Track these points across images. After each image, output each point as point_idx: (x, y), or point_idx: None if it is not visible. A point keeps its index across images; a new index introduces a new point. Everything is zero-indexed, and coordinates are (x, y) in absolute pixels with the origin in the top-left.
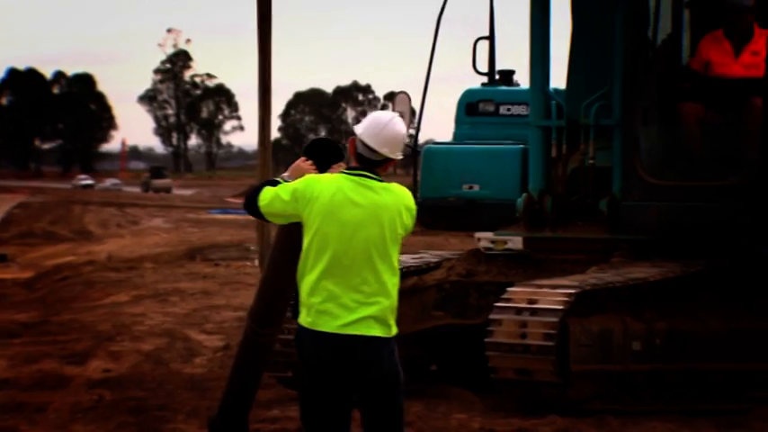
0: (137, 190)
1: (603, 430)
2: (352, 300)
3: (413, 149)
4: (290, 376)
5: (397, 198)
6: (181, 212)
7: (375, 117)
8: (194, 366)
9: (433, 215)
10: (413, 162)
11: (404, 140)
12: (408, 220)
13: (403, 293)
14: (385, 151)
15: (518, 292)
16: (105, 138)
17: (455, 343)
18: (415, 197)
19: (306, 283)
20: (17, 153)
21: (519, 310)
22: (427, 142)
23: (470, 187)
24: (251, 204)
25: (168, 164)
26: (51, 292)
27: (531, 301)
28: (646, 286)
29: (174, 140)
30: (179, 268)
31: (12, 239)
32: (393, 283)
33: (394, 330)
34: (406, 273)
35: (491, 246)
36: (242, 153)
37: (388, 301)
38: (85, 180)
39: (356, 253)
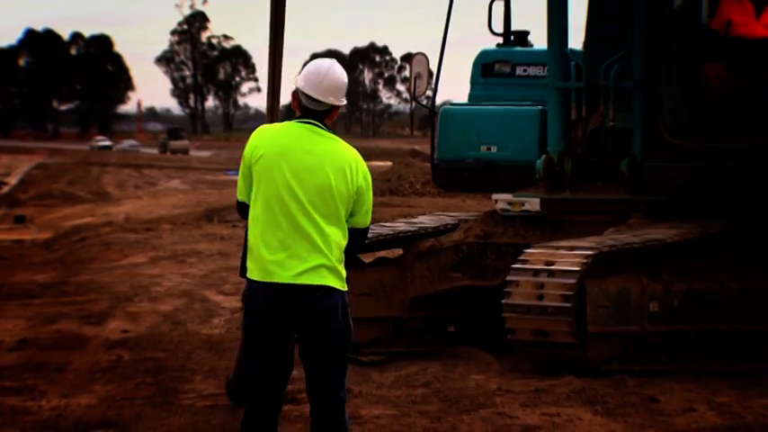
0: (154, 151)
1: (620, 391)
2: (303, 248)
3: (430, 110)
4: None
5: (348, 152)
6: (198, 174)
7: (314, 67)
8: (212, 327)
9: (450, 177)
10: (430, 123)
11: (346, 84)
12: (361, 179)
13: (420, 255)
14: (330, 99)
15: (535, 254)
16: (122, 99)
17: (472, 304)
18: (432, 159)
19: (255, 235)
20: (35, 114)
21: (536, 272)
22: (445, 103)
23: (488, 149)
24: (238, 207)
25: (185, 125)
26: (69, 253)
27: (549, 263)
28: (663, 247)
29: (192, 102)
30: (196, 229)
31: (30, 200)
32: (340, 236)
33: (345, 284)
34: (423, 234)
35: (508, 207)
36: (259, 114)
37: (338, 254)
38: (103, 141)
39: (306, 199)
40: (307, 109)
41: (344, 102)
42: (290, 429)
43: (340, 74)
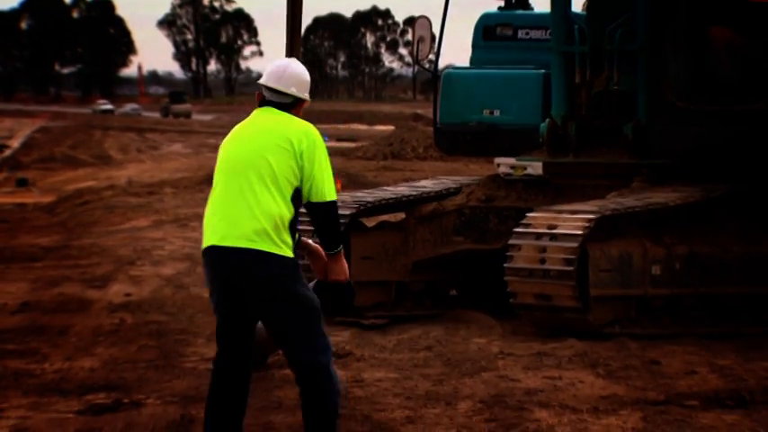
0: (156, 115)
1: (622, 354)
2: (233, 212)
3: (433, 74)
4: None
5: (296, 123)
6: (200, 138)
7: (275, 64)
8: None
9: (453, 141)
10: (433, 87)
11: (309, 80)
12: (306, 146)
13: (422, 219)
14: (293, 90)
15: (538, 218)
16: (124, 62)
17: (474, 268)
18: (434, 122)
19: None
20: (37, 77)
21: (538, 236)
22: (447, 67)
23: (491, 112)
24: None
25: (188, 89)
26: (72, 217)
27: (551, 227)
28: (666, 211)
29: (194, 66)
30: (199, 193)
31: (32, 164)
32: (278, 204)
33: (287, 251)
34: (425, 198)
35: (510, 171)
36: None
37: (272, 221)
38: (105, 105)
39: (242, 164)
40: (271, 102)
41: (307, 97)
42: (292, 393)
43: (301, 69)
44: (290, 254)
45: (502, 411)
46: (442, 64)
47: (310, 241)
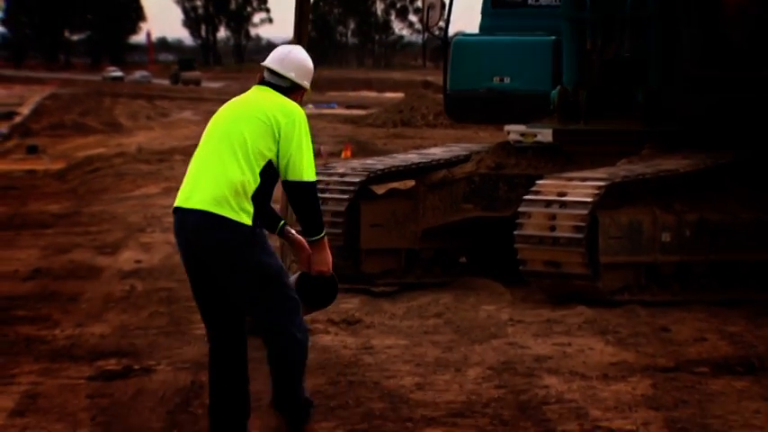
0: (166, 82)
1: (632, 321)
2: (201, 177)
3: (443, 41)
4: None
5: (282, 101)
6: (210, 105)
7: (279, 48)
8: None
9: (462, 108)
10: (443, 54)
11: (311, 69)
12: (284, 122)
13: (432, 186)
14: (292, 75)
15: (547, 185)
16: (134, 29)
17: (484, 235)
18: (444, 90)
19: None
20: (46, 44)
21: (548, 203)
22: (457, 34)
23: (501, 79)
24: None
25: (197, 56)
26: (82, 184)
27: (561, 194)
28: (676, 178)
29: (203, 32)
30: None
31: (42, 131)
32: (245, 175)
33: (245, 218)
34: (435, 166)
35: (520, 138)
36: (271, 46)
37: (233, 188)
38: (115, 72)
39: (218, 134)
40: (269, 84)
41: (307, 85)
42: None
43: (304, 55)
44: (247, 221)
45: (511, 378)
46: (451, 31)
47: (293, 231)
